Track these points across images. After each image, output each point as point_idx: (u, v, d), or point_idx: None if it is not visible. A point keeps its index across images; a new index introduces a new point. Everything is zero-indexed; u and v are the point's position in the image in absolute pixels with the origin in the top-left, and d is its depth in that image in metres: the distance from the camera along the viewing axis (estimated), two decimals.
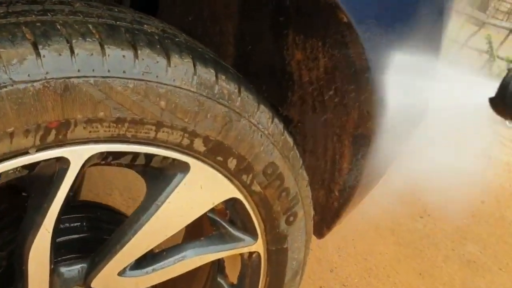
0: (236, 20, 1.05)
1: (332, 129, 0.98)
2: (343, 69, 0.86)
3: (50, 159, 0.60)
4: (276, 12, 0.98)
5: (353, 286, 1.85)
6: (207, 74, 0.67)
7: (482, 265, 2.29)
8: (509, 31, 6.97)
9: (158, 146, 0.67)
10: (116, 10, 0.68)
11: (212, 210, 0.86)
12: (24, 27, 0.55)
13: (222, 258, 0.94)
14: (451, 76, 1.00)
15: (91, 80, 0.57)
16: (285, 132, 0.81)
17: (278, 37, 0.98)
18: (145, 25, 0.67)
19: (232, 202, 0.82)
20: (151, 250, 0.77)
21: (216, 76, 0.68)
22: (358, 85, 0.85)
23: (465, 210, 2.76)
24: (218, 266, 0.95)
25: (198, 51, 0.69)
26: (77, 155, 0.61)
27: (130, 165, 0.71)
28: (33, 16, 0.57)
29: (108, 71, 0.59)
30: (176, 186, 0.71)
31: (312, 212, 0.95)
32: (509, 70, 0.91)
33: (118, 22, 0.64)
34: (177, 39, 0.68)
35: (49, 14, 0.59)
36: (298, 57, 0.97)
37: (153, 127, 0.64)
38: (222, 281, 0.95)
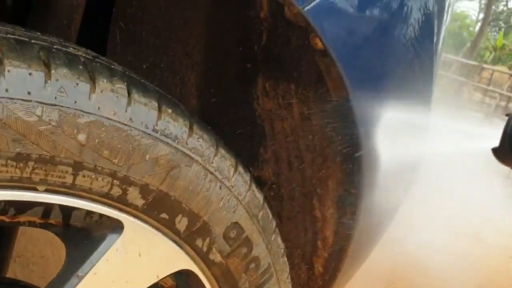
0: (199, 69, 0.93)
1: (311, 189, 0.82)
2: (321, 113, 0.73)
3: None
4: (243, 58, 0.86)
5: None
6: (146, 105, 0.53)
7: None
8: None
9: (78, 196, 0.51)
10: (37, 33, 0.54)
11: (160, 287, 0.67)
12: None
13: None
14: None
15: None
16: (253, 185, 0.66)
17: (246, 86, 0.86)
18: (71, 48, 0.53)
19: (184, 277, 0.64)
20: None
21: (159, 109, 0.54)
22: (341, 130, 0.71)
23: None
24: None
25: (136, 79, 0.55)
26: None
27: (44, 224, 0.54)
28: None
29: (6, 90, 0.44)
30: (104, 252, 0.54)
31: None
32: (508, 116, 0.80)
33: (33, 40, 0.50)
34: (112, 66, 0.55)
35: None
36: (268, 106, 0.84)
37: (70, 169, 0.48)
38: None
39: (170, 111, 0.55)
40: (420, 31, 0.73)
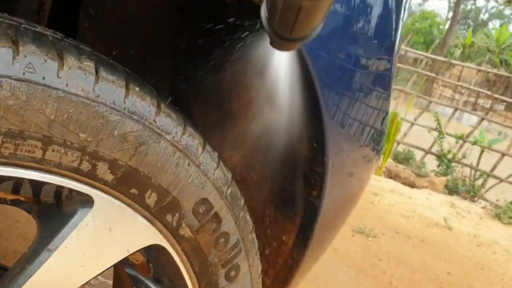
0: (170, 55, 0.95)
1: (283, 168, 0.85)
2: None
3: None
4: (212, 45, 0.89)
5: None
6: (114, 82, 0.54)
7: None
8: (454, 109, 7.28)
9: (47, 171, 0.52)
10: (5, 14, 0.55)
11: (131, 264, 0.69)
12: None
13: None
14: None
15: None
16: (221, 163, 0.68)
17: (216, 73, 0.88)
18: (39, 28, 0.54)
19: (154, 252, 0.66)
20: None
21: (127, 87, 0.56)
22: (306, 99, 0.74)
23: (432, 281, 2.62)
24: None
25: (104, 59, 0.57)
26: None
27: (15, 201, 0.55)
28: None
29: None
30: (75, 227, 0.55)
31: (260, 267, 0.79)
32: None
33: (0, 19, 0.51)
34: (80, 46, 0.56)
35: None
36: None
37: (39, 144, 0.50)
38: None
39: (137, 89, 0.57)
40: (381, 24, 0.76)
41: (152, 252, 0.66)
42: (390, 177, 5.38)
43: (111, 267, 0.60)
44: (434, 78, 10.47)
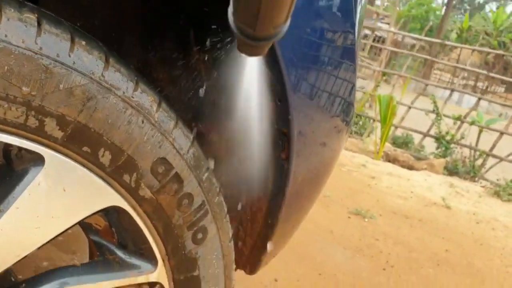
0: (135, 28, 0.94)
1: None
2: None
3: None
4: (176, 14, 0.88)
5: None
6: (58, 35, 0.53)
7: None
8: (450, 90, 7.24)
9: None
10: None
11: (94, 230, 0.68)
12: None
13: None
14: None
15: None
16: (180, 123, 0.67)
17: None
18: None
19: (116, 215, 0.65)
20: (7, 281, 0.58)
21: (72, 40, 0.55)
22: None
23: (430, 259, 2.61)
24: None
25: (49, 14, 0.56)
26: None
27: None
28: None
29: None
30: (26, 187, 0.54)
31: (230, 231, 0.78)
32: None
33: None
34: (23, 1, 0.55)
35: None
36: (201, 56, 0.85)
37: None
38: None
39: (84, 43, 0.56)
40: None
41: (114, 215, 0.66)
42: (389, 161, 5.36)
43: (69, 229, 0.59)
44: (431, 61, 10.43)
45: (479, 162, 5.98)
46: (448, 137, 6.09)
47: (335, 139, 0.92)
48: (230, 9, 0.49)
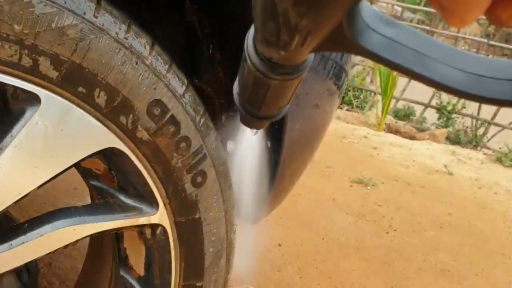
0: None
1: None
2: None
3: None
4: None
5: None
6: None
7: (457, 273, 2.13)
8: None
9: None
10: None
11: (94, 176, 0.70)
12: None
13: (123, 247, 0.77)
14: None
15: None
16: (174, 66, 0.68)
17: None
18: None
19: (115, 158, 0.66)
20: (9, 222, 0.60)
21: None
22: None
23: (433, 222, 2.64)
24: (119, 257, 0.77)
25: None
26: None
27: None
28: None
29: None
30: (23, 126, 0.56)
31: (230, 177, 0.79)
32: None
33: None
34: None
35: None
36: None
37: None
38: (126, 275, 0.77)
39: None
40: None
41: (113, 159, 0.67)
42: (391, 133, 5.37)
43: (67, 169, 0.61)
44: (431, 32, 10.32)
45: (481, 131, 5.98)
46: (449, 108, 6.08)
47: (329, 103, 0.93)
48: (236, 89, 0.51)
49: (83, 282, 0.90)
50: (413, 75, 0.34)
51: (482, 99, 0.33)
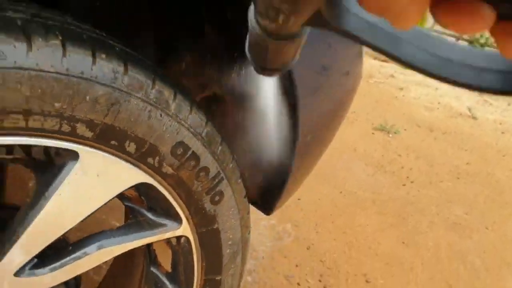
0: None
1: None
2: None
3: None
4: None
5: (332, 261, 1.81)
6: (80, 54, 0.61)
7: (468, 226, 2.24)
8: None
9: (33, 135, 0.62)
10: None
11: (127, 198, 0.81)
12: None
13: (153, 248, 0.90)
14: None
15: None
16: (194, 108, 0.76)
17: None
18: (10, 11, 0.61)
19: (144, 188, 0.76)
20: (57, 245, 0.72)
21: (93, 55, 0.63)
22: None
23: (450, 172, 2.72)
24: (149, 256, 0.90)
25: (72, 31, 0.63)
26: None
27: (13, 159, 0.66)
28: None
29: None
30: (65, 177, 0.66)
31: (243, 190, 0.90)
32: None
33: None
34: (49, 22, 0.62)
35: None
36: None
37: (21, 116, 0.59)
38: (156, 271, 0.91)
39: (104, 55, 0.64)
40: None
41: (143, 188, 0.77)
42: None
43: (104, 204, 0.72)
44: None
45: None
46: (482, 40, 5.88)
47: (357, 65, 0.98)
48: (247, 47, 0.57)
49: (112, 277, 1.04)
50: (389, 56, 0.39)
51: (450, 82, 0.37)
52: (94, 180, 0.68)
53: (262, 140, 0.95)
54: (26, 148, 0.64)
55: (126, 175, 0.72)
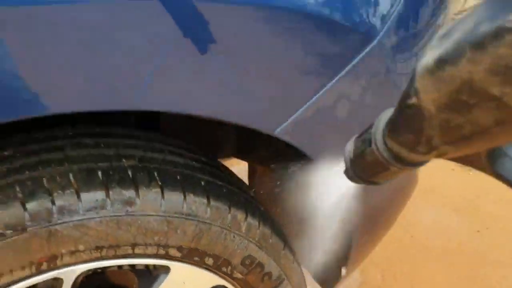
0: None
1: None
2: None
3: (47, 280, 0.76)
4: None
5: None
6: (174, 196, 0.79)
7: None
8: None
9: (137, 258, 0.80)
10: (102, 145, 0.80)
11: None
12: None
13: None
14: None
15: (71, 224, 0.72)
16: (261, 225, 0.91)
17: None
18: (124, 159, 0.79)
19: None
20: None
21: (184, 196, 0.80)
22: None
23: None
24: None
25: (168, 172, 0.81)
26: (68, 274, 0.77)
27: (123, 271, 0.85)
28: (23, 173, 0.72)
29: (84, 214, 0.73)
30: (161, 284, 0.85)
31: (305, 284, 1.04)
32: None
33: (97, 164, 0.76)
34: (152, 165, 0.80)
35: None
36: None
37: (129, 247, 0.78)
38: None
39: (192, 194, 0.81)
40: None
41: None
42: None
43: None
44: None
45: None
46: None
47: None
48: (347, 153, 0.56)
49: None
50: None
51: None
52: (181, 285, 0.86)
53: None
54: (132, 265, 0.83)
55: (206, 280, 0.89)
